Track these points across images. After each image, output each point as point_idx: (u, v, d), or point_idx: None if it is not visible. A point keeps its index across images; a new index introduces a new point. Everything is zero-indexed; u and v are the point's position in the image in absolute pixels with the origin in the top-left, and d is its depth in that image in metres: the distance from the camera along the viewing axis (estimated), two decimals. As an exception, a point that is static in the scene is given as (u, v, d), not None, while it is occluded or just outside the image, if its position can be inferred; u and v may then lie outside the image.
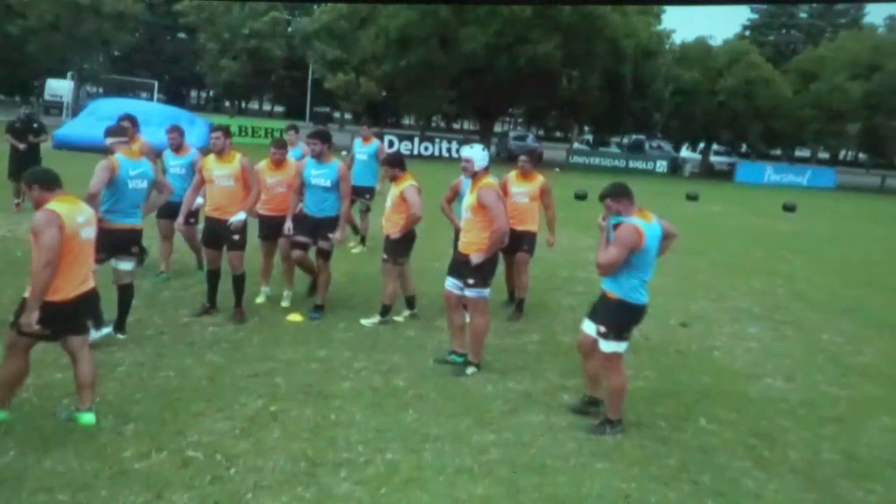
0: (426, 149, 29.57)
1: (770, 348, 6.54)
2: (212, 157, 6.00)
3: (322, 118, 45.19)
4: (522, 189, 6.62)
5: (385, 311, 6.29)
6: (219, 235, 6.01)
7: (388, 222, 6.19)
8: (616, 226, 4.25)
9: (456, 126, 62.36)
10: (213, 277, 6.19)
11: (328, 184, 6.11)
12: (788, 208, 19.38)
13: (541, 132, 57.89)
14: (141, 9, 38.41)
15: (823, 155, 51.84)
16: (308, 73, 44.56)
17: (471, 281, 5.15)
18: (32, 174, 3.93)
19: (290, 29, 48.38)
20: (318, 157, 6.14)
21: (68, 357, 4.04)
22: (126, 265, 5.41)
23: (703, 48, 36.85)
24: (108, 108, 18.83)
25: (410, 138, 30.26)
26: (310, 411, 4.40)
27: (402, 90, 31.83)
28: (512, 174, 6.71)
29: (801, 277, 10.00)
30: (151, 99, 35.85)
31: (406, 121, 59.32)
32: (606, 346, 4.33)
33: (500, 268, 5.83)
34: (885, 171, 40.73)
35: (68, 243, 3.75)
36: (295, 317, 6.24)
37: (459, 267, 5.29)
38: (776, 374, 5.82)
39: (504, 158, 29.18)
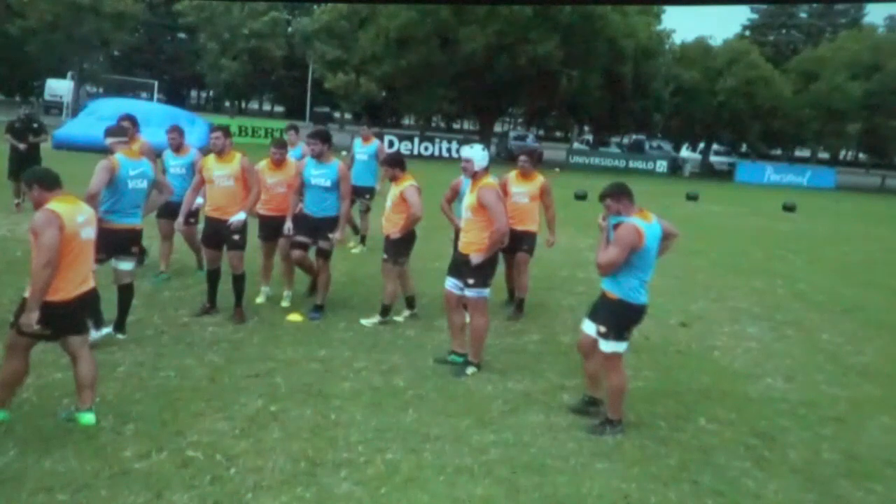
0: (426, 149, 29.56)
1: (770, 348, 6.54)
2: (212, 157, 6.00)
3: (322, 118, 45.17)
4: (522, 189, 6.62)
5: (385, 311, 6.28)
6: (219, 235, 6.01)
7: (388, 222, 6.19)
8: (616, 226, 4.25)
9: (456, 126, 62.36)
10: (213, 277, 6.19)
11: (328, 184, 6.11)
12: (788, 208, 19.38)
13: (541, 132, 57.90)
14: (141, 9, 38.37)
15: (823, 155, 51.79)
16: (308, 73, 44.56)
17: (471, 281, 5.15)
18: (32, 174, 3.93)
19: (290, 29, 48.38)
20: (318, 157, 6.14)
21: (68, 357, 4.04)
22: (126, 265, 5.41)
23: (703, 48, 36.85)
24: (108, 108, 18.85)
25: (410, 138, 30.25)
26: (310, 411, 4.40)
27: (402, 90, 31.83)
28: (512, 174, 6.71)
29: (801, 277, 9.99)
30: (151, 99, 35.82)
31: (406, 121, 59.28)
32: (606, 346, 4.33)
33: (500, 268, 5.83)
34: (885, 171, 40.75)
35: (68, 243, 3.75)
36: (295, 317, 6.24)
37: (459, 267, 5.29)
38: (776, 374, 5.82)
39: (504, 158, 29.18)
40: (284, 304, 6.56)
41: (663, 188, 22.96)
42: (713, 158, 37.84)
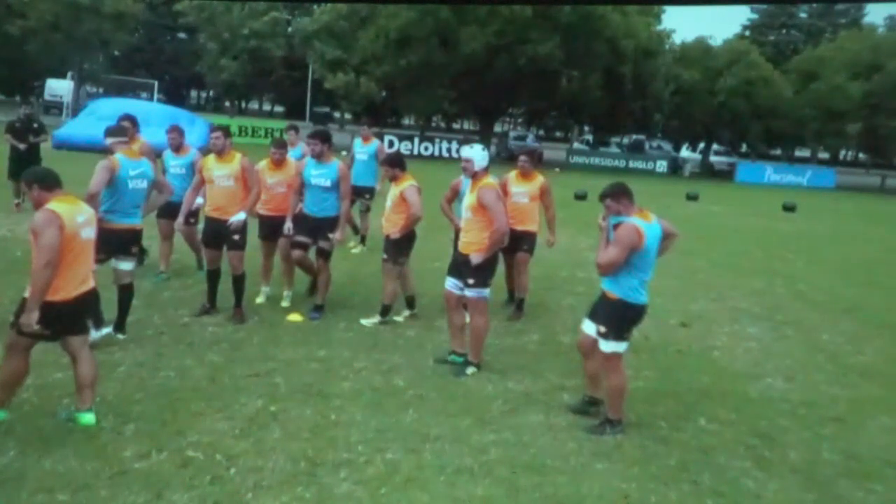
0: (426, 149, 29.56)
1: (770, 348, 6.54)
2: (212, 157, 6.00)
3: (322, 118, 45.16)
4: (522, 189, 6.62)
5: (385, 311, 6.29)
6: (219, 235, 6.01)
7: (388, 222, 6.19)
8: (616, 226, 4.25)
9: (456, 126, 62.30)
10: (213, 277, 6.19)
11: (328, 184, 6.11)
12: (788, 208, 19.38)
13: (541, 132, 57.89)
14: (141, 9, 38.35)
15: (823, 155, 51.81)
16: (308, 73, 44.56)
17: (471, 281, 5.15)
18: (32, 174, 3.93)
19: (290, 29, 48.31)
20: (318, 157, 6.14)
21: (68, 357, 4.04)
22: (126, 265, 5.41)
23: (703, 48, 36.86)
24: (108, 108, 18.83)
25: (410, 138, 30.25)
26: (310, 411, 4.40)
27: (402, 90, 31.81)
28: (512, 174, 6.71)
29: (801, 277, 9.99)
30: (151, 99, 35.82)
31: (406, 121, 59.26)
32: (606, 346, 4.33)
33: (500, 268, 5.83)
34: (885, 171, 40.73)
35: (68, 243, 3.74)
36: (295, 317, 6.24)
37: (459, 267, 5.29)
38: (776, 374, 5.82)
39: (504, 158, 29.17)
40: (284, 304, 6.56)
41: (663, 188, 22.96)
42: (713, 158, 37.81)
